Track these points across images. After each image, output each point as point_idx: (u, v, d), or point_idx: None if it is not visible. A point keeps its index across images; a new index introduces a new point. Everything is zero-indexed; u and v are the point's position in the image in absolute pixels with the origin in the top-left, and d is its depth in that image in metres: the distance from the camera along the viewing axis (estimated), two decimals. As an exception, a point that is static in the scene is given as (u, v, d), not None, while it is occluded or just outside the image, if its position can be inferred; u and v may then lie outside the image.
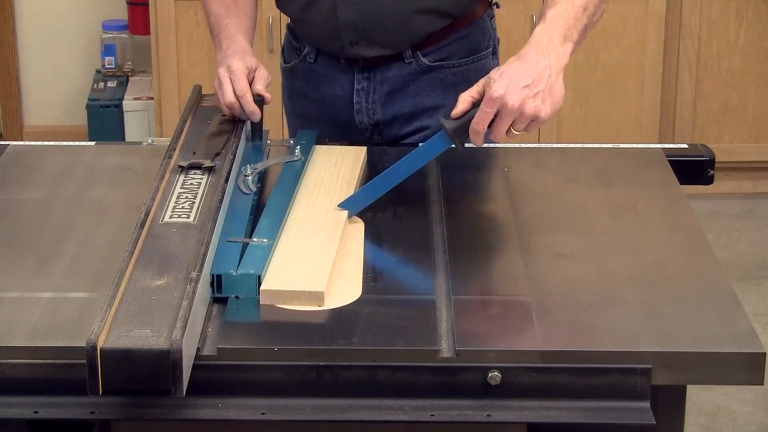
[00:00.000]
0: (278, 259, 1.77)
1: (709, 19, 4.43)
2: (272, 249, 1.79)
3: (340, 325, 1.65)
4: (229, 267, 1.72)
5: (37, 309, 1.67)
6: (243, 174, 2.02)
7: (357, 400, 1.58)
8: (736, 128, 4.55)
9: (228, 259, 1.75)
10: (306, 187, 2.01)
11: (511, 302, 1.72)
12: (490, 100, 1.86)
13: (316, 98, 2.34)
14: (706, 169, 2.22)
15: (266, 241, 1.80)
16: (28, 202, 2.02)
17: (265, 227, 1.85)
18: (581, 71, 4.40)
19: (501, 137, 1.89)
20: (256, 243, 1.79)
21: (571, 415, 1.58)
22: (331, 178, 2.05)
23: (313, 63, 2.32)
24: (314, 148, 2.16)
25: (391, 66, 2.26)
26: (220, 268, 1.72)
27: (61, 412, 1.57)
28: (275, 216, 1.88)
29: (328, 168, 2.08)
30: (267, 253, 1.77)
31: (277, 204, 1.92)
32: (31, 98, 5.00)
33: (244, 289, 1.70)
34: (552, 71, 1.89)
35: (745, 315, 1.68)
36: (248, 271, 1.71)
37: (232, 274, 1.71)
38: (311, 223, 1.89)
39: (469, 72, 2.28)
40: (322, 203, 1.95)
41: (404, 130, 2.31)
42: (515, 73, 1.87)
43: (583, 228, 1.94)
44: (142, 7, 4.59)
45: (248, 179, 2.02)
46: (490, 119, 1.87)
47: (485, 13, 2.30)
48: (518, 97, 1.85)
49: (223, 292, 1.71)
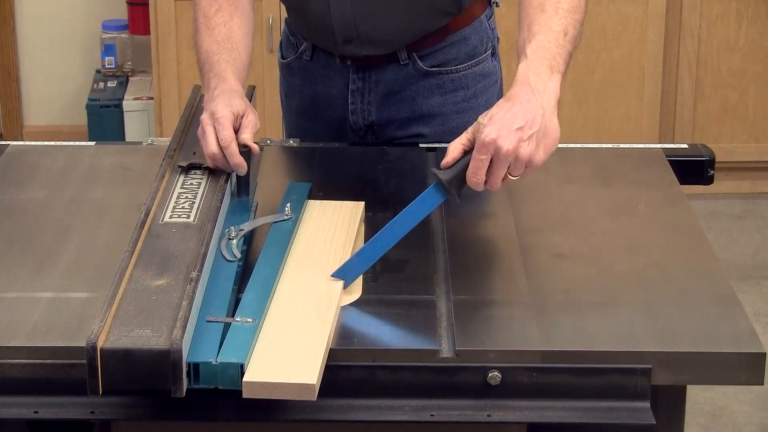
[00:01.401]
0: (264, 344, 1.58)
1: (709, 19, 4.43)
2: (257, 330, 1.60)
3: (340, 325, 1.65)
4: (209, 354, 1.54)
5: (37, 309, 1.67)
6: (227, 237, 1.82)
7: (357, 400, 1.58)
8: (736, 128, 4.55)
9: (207, 343, 1.56)
10: (296, 253, 1.81)
11: (511, 302, 1.72)
12: (483, 146, 1.73)
13: (312, 96, 2.32)
14: (706, 169, 2.22)
15: (251, 320, 1.61)
16: (28, 202, 2.02)
17: (249, 303, 1.65)
18: (581, 71, 4.40)
19: (498, 185, 1.76)
20: (240, 323, 1.60)
21: (571, 415, 1.58)
22: (325, 240, 1.85)
23: (309, 60, 2.30)
24: (306, 203, 1.96)
25: (386, 67, 2.24)
26: (198, 355, 1.53)
27: (61, 412, 1.57)
28: (262, 289, 1.69)
29: (321, 229, 1.88)
30: (251, 336, 1.58)
31: (265, 274, 1.73)
32: (31, 98, 5.00)
33: (225, 380, 1.53)
34: (545, 110, 1.77)
35: (745, 315, 1.68)
36: (230, 360, 1.53)
37: (212, 363, 1.53)
38: (302, 297, 1.69)
39: (468, 77, 2.26)
40: (315, 272, 1.75)
41: (400, 134, 2.29)
42: (506, 116, 1.75)
43: (583, 228, 1.94)
44: (142, 7, 4.59)
45: (232, 243, 1.80)
46: (486, 166, 1.74)
47: (483, 14, 2.27)
48: (512, 141, 1.73)
49: (201, 382, 1.53)
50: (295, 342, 1.58)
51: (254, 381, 1.51)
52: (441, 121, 2.27)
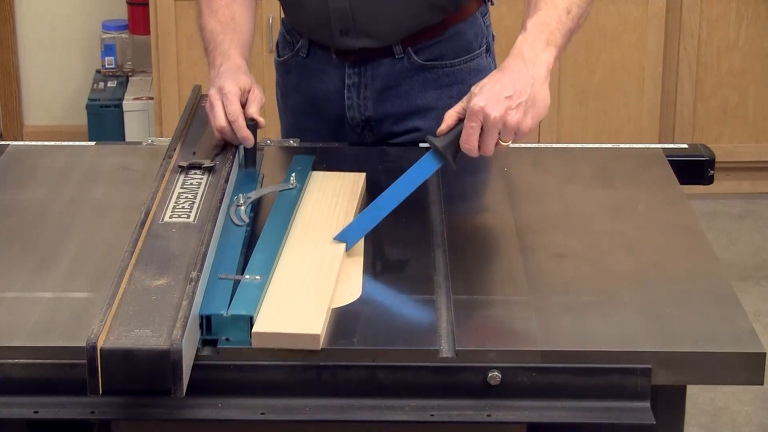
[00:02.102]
0: (272, 299, 1.67)
1: (709, 19, 4.43)
2: (265, 287, 1.69)
3: (340, 325, 1.65)
4: (220, 307, 1.62)
5: (37, 309, 1.67)
6: (235, 204, 1.92)
7: (357, 400, 1.58)
8: (736, 128, 4.55)
9: (218, 298, 1.65)
10: (301, 218, 1.91)
11: (511, 302, 1.72)
12: (473, 114, 1.84)
13: (308, 93, 2.34)
14: (706, 169, 2.22)
15: (259, 278, 1.70)
16: (28, 202, 2.02)
17: (258, 263, 1.74)
18: (581, 71, 4.40)
19: (491, 151, 1.86)
20: (249, 280, 1.69)
21: (571, 415, 1.58)
22: (328, 207, 1.94)
23: (305, 57, 2.32)
24: (310, 174, 2.06)
25: (381, 62, 2.25)
26: (210, 308, 1.62)
27: (61, 412, 1.57)
28: (269, 251, 1.78)
29: (324, 196, 1.98)
30: (260, 292, 1.67)
31: (271, 237, 1.82)
32: (31, 98, 5.00)
33: (235, 332, 1.61)
34: (535, 81, 1.86)
35: (745, 315, 1.68)
36: (240, 312, 1.61)
37: (223, 315, 1.61)
38: (307, 258, 1.78)
39: (462, 72, 2.28)
40: (319, 236, 1.85)
41: (396, 129, 2.30)
42: (496, 86, 1.85)
43: (583, 228, 1.94)
44: (142, 7, 4.59)
45: (240, 210, 1.90)
46: (478, 133, 1.84)
47: (478, 10, 2.29)
48: (499, 109, 1.83)
49: (212, 333, 1.61)
50: (301, 297, 1.67)
51: (263, 332, 1.59)
52: (436, 114, 2.27)
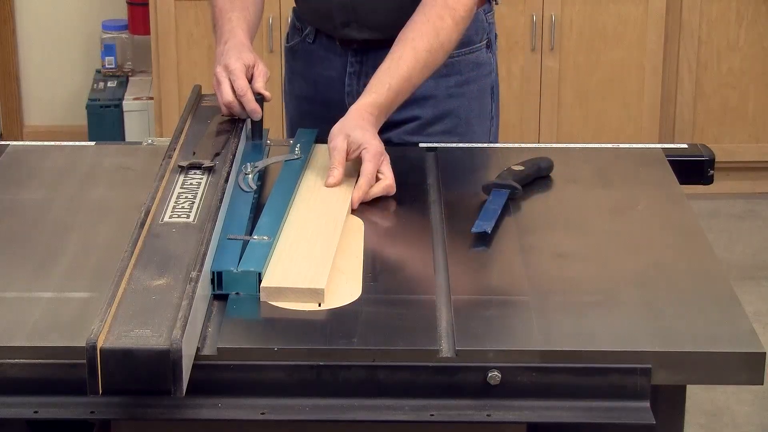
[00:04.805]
0: (278, 257, 1.78)
1: (709, 19, 4.43)
2: (273, 247, 1.80)
3: (340, 325, 1.65)
4: (230, 264, 1.73)
5: (37, 309, 1.67)
6: (243, 172, 2.04)
7: (357, 400, 1.58)
8: (736, 128, 4.55)
9: (229, 256, 1.76)
10: (306, 186, 2.02)
11: (511, 302, 1.72)
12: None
13: (313, 79, 2.40)
14: (706, 169, 2.22)
15: (266, 238, 1.81)
16: (28, 202, 2.02)
17: (265, 225, 1.86)
18: (581, 71, 4.40)
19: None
20: (257, 240, 1.80)
21: (571, 415, 1.58)
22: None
23: (311, 44, 2.39)
24: (314, 146, 2.17)
25: (382, 52, 2.26)
26: (221, 265, 1.73)
27: (61, 412, 1.57)
28: (275, 214, 1.90)
29: (327, 166, 2.06)
30: (267, 251, 1.78)
31: (278, 202, 1.94)
32: (31, 98, 5.00)
33: (245, 286, 1.71)
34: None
35: (745, 315, 1.68)
36: (249, 269, 1.72)
37: (233, 271, 1.72)
38: (311, 221, 1.90)
39: (461, 64, 2.31)
40: (322, 200, 1.96)
41: (395, 118, 2.30)
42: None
43: (583, 228, 1.94)
44: (142, 7, 4.59)
45: (248, 177, 2.03)
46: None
47: (481, 7, 2.32)
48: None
49: (224, 288, 1.72)
50: (306, 255, 1.79)
51: (271, 286, 1.70)
52: (433, 103, 2.33)
